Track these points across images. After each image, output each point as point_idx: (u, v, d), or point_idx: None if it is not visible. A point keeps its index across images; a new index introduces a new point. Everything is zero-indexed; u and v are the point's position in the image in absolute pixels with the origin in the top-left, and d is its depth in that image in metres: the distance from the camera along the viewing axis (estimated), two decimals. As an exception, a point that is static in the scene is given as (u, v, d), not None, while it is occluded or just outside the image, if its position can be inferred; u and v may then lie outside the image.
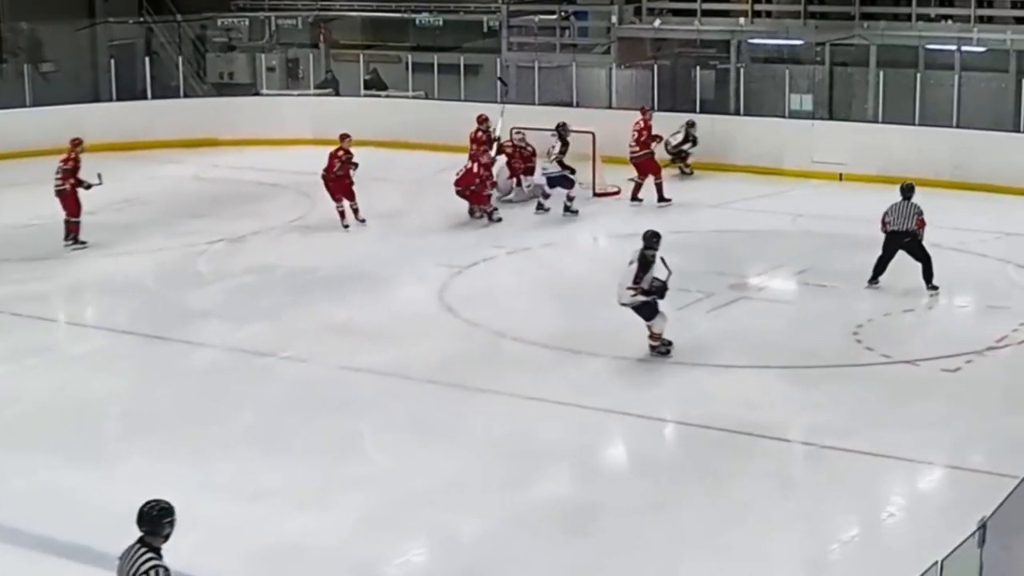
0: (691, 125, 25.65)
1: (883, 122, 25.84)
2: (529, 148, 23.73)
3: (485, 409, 14.18)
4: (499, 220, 22.22)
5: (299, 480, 12.29)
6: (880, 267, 18.07)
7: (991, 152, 24.20)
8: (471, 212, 22.32)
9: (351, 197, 21.99)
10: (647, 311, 15.44)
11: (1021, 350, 15.73)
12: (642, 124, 23.64)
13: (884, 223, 18.07)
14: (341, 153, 22.02)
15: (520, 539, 11.15)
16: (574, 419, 13.85)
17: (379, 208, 22.94)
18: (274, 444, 13.14)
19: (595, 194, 23.85)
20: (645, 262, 15.22)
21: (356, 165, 22.08)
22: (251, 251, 20.80)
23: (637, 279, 15.16)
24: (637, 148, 23.51)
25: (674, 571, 10.65)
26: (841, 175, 25.11)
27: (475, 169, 22.14)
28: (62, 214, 21.01)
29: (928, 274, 17.80)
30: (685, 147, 25.68)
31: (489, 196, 22.33)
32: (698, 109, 27.22)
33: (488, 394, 14.53)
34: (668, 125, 24.62)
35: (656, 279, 15.27)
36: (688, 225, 21.62)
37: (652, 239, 15.39)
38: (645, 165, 23.49)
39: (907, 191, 18.28)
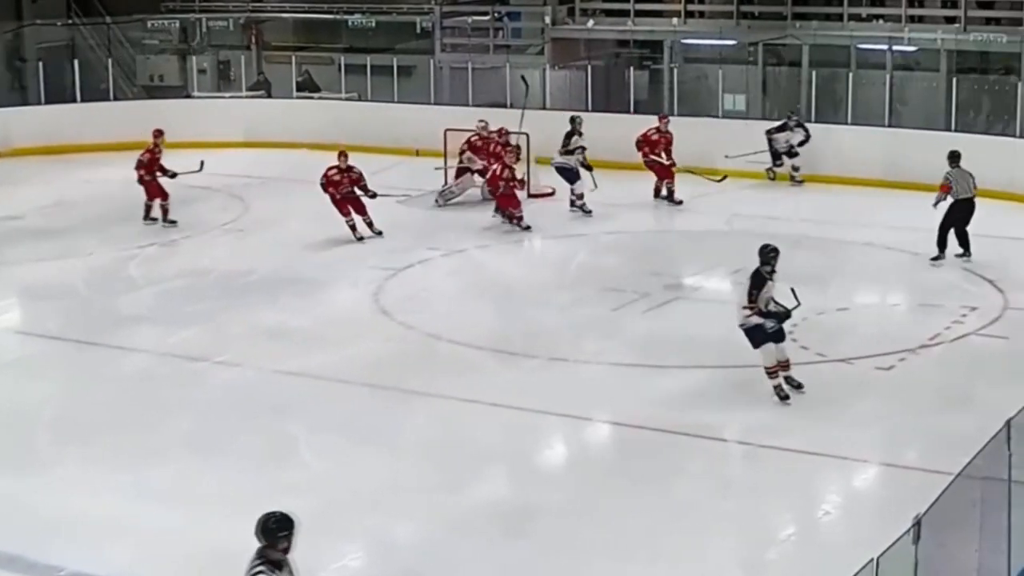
0: (795, 115, 24.90)
1: (816, 121, 26.01)
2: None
3: (420, 411, 14.14)
4: (527, 228, 21.70)
5: (234, 485, 12.21)
6: (945, 239, 19.20)
7: (923, 151, 24.36)
8: (496, 212, 22.07)
9: (361, 211, 21.38)
10: (756, 336, 14.06)
11: (954, 348, 15.90)
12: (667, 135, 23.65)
13: (946, 191, 19.12)
14: (333, 172, 21.47)
15: (456, 541, 11.14)
16: (510, 421, 13.85)
17: (312, 211, 22.84)
18: (209, 449, 13.06)
19: (529, 195, 23.85)
20: (759, 280, 13.85)
21: (360, 177, 21.48)
22: (183, 255, 20.66)
23: (751, 298, 13.84)
24: (666, 158, 23.45)
25: (607, 572, 10.67)
26: (775, 175, 25.25)
27: (498, 171, 21.67)
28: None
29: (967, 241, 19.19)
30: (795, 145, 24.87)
31: (515, 200, 21.84)
32: (632, 109, 27.32)
33: (423, 396, 14.49)
34: (603, 126, 24.59)
35: (776, 302, 14.01)
36: (623, 225, 21.70)
37: (769, 254, 13.99)
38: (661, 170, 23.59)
39: (956, 157, 19.34)
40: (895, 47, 26.92)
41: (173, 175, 21.68)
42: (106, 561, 10.81)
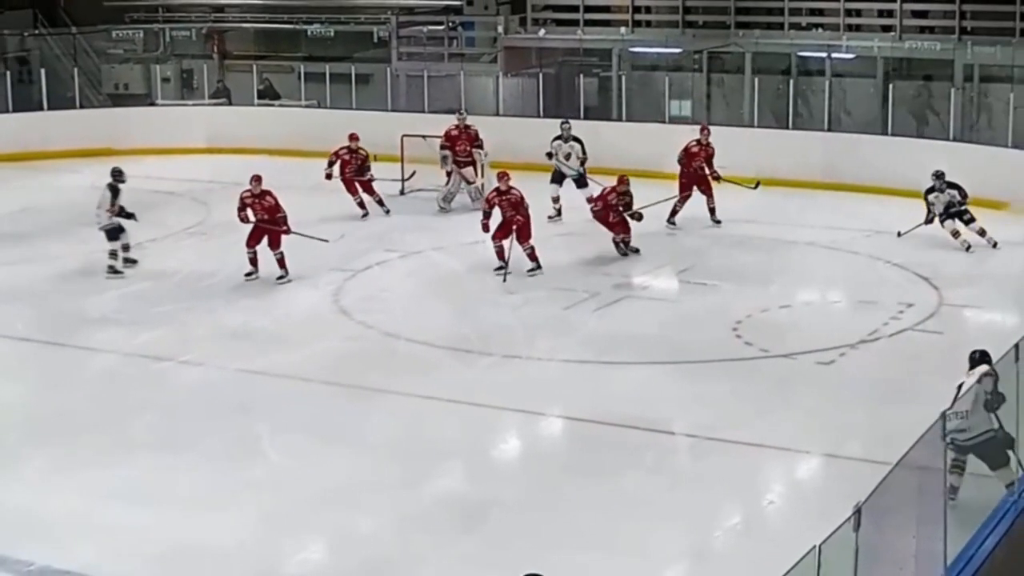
0: (940, 178, 20.50)
1: (758, 126, 26.14)
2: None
3: (380, 409, 14.11)
4: (636, 251, 20.12)
5: (198, 482, 12.16)
6: None
7: (861, 154, 24.54)
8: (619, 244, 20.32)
9: (370, 190, 22.43)
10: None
11: (892, 342, 15.99)
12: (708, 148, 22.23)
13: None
14: (343, 152, 22.61)
15: (414, 535, 11.12)
16: (467, 417, 13.85)
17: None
18: (174, 447, 12.97)
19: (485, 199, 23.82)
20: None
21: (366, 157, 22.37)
22: (148, 258, 20.46)
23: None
24: (707, 169, 22.10)
25: (562, 563, 10.64)
26: (720, 177, 25.31)
27: (611, 199, 20.12)
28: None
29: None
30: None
31: (615, 224, 20.08)
32: (582, 116, 27.32)
33: (383, 394, 14.46)
34: (555, 131, 24.60)
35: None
36: (574, 228, 21.68)
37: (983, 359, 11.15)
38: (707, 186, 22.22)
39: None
40: (834, 54, 27.05)
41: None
42: (74, 557, 10.73)
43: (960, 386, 10.88)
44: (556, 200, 22.50)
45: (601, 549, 10.86)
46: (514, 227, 19.04)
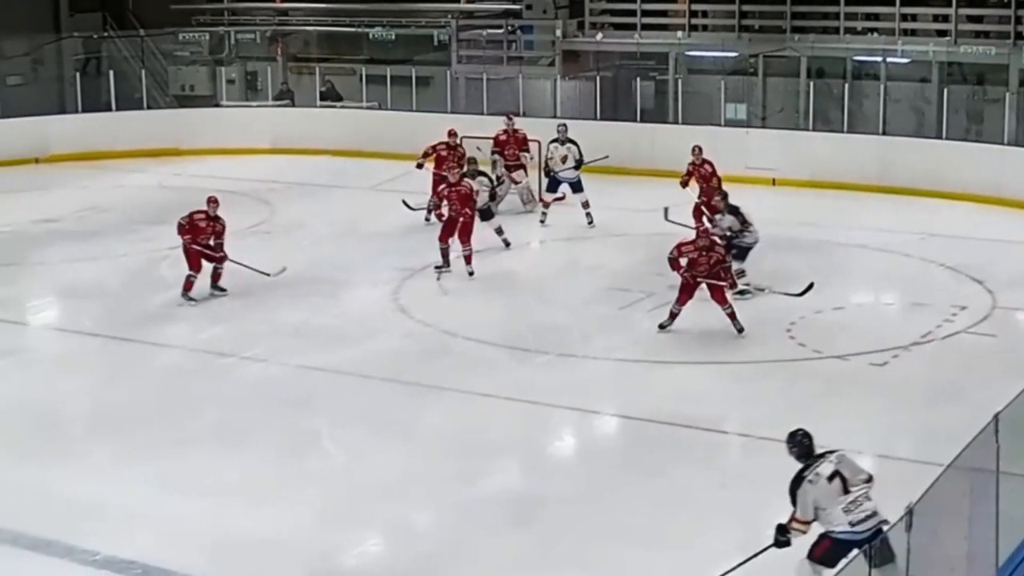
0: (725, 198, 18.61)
1: (813, 129, 25.97)
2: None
3: (437, 405, 14.12)
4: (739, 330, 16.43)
5: (258, 475, 12.22)
6: None
7: (915, 157, 24.34)
8: None
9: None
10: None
11: (944, 345, 15.83)
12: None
13: None
14: (441, 147, 21.60)
15: (469, 530, 11.12)
16: (521, 415, 13.83)
17: (335, 215, 22.86)
18: (234, 441, 13.05)
19: (541, 201, 23.78)
20: None
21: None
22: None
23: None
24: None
25: (612, 559, 10.64)
26: (774, 180, 25.18)
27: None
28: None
29: None
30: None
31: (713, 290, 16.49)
32: (638, 118, 27.27)
33: (439, 391, 14.48)
34: (612, 135, 24.51)
35: None
36: (630, 228, 21.63)
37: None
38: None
39: None
40: (889, 59, 26.82)
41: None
42: (137, 547, 10.81)
43: None
44: (547, 205, 22.32)
45: (651, 545, 10.82)
46: (459, 223, 18.83)
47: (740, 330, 16.09)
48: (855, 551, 8.70)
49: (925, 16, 27.68)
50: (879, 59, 26.90)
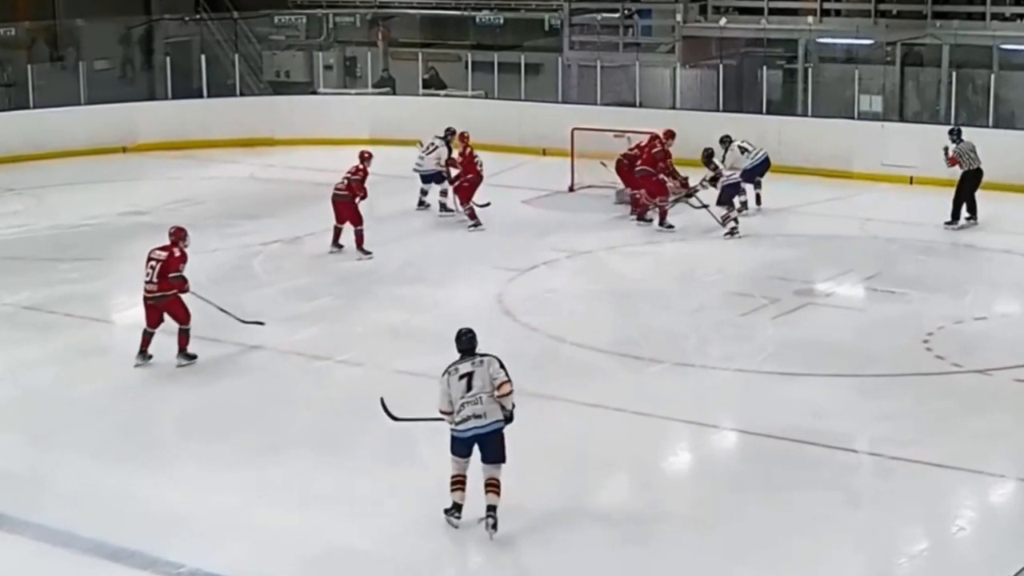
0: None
1: (956, 123, 25.66)
2: None
3: (542, 415, 14.11)
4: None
5: (351, 485, 12.37)
6: (959, 208, 21.58)
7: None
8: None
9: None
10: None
11: (1098, 360, 15.60)
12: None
13: (956, 163, 21.80)
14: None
15: (573, 548, 11.16)
16: (632, 426, 13.85)
17: (437, 209, 23.02)
18: (326, 448, 13.22)
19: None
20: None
21: None
22: (307, 252, 20.89)
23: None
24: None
25: (729, 581, 10.66)
26: (912, 178, 24.96)
27: None
28: None
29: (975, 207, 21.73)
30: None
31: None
32: (764, 110, 27.15)
33: (544, 399, 14.49)
34: (735, 128, 24.44)
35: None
36: (753, 229, 21.55)
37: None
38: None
39: (957, 133, 22.15)
40: (1040, 47, 26.48)
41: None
42: (224, 559, 10.99)
43: None
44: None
45: (769, 570, 10.80)
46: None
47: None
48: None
49: (1081, 0, 27.27)
50: (1029, 48, 26.55)
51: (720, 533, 11.39)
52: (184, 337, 15.79)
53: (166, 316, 15.75)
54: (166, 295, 15.66)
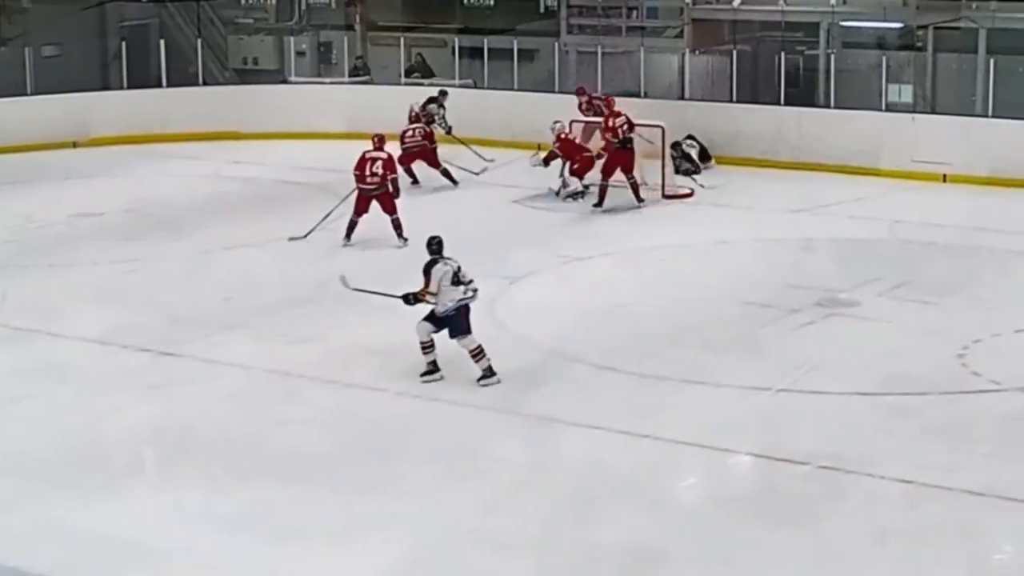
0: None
1: (993, 116, 25.74)
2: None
3: (538, 437, 14.18)
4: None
5: (333, 515, 12.33)
6: None
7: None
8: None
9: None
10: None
11: None
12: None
13: None
14: None
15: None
16: (636, 450, 13.86)
17: (419, 212, 23.00)
18: (304, 475, 13.18)
19: (664, 196, 23.88)
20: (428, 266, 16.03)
21: None
22: (277, 260, 20.86)
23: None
24: None
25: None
26: (945, 176, 25.05)
27: None
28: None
29: None
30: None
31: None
32: (782, 100, 27.21)
33: (540, 420, 14.55)
34: (750, 120, 24.58)
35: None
36: (770, 231, 21.61)
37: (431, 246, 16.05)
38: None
39: None
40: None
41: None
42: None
43: None
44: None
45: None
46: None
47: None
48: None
49: None
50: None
51: (735, 570, 11.42)
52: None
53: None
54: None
